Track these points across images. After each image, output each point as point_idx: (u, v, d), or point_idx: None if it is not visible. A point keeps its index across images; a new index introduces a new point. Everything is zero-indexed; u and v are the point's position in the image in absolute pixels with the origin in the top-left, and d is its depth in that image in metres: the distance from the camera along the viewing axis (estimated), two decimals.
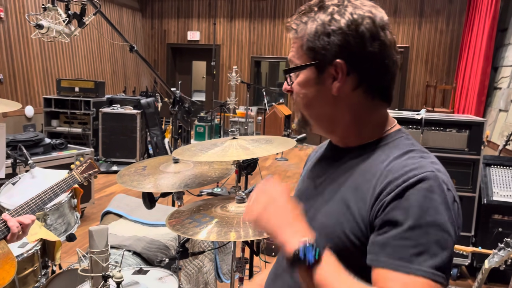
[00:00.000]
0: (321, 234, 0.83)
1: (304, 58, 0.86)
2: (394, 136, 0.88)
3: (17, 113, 6.08)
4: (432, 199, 0.74)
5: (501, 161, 3.33)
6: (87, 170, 1.81)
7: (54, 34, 1.84)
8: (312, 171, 1.00)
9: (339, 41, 0.81)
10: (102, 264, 1.26)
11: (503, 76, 5.38)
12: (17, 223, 1.36)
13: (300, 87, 0.88)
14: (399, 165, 0.79)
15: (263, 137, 1.92)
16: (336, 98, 0.85)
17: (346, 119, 0.87)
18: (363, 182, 0.82)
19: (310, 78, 0.86)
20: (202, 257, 2.46)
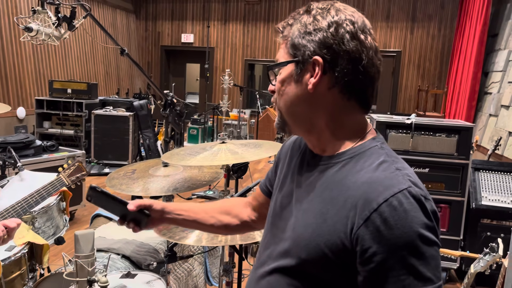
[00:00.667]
0: (298, 245, 0.84)
1: (286, 56, 0.89)
2: (368, 144, 0.87)
3: (8, 114, 6.04)
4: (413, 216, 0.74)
5: (490, 165, 3.36)
6: (75, 173, 1.81)
7: (43, 37, 1.84)
8: (293, 176, 0.98)
9: (318, 39, 0.83)
10: (87, 268, 1.26)
11: (494, 81, 5.43)
12: (2, 227, 1.35)
13: (280, 84, 0.90)
14: (373, 180, 0.79)
15: (252, 141, 1.93)
16: (312, 96, 0.86)
17: (321, 119, 0.88)
18: (339, 195, 0.81)
19: (290, 74, 0.88)
20: (192, 260, 2.46)
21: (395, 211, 0.74)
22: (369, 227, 0.74)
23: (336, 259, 0.79)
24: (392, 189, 0.76)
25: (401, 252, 0.73)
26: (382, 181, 0.78)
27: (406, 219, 0.73)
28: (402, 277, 0.72)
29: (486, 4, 5.58)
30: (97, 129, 6.09)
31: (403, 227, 0.73)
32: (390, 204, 0.74)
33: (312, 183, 0.89)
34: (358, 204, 0.77)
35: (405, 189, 0.76)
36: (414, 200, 0.75)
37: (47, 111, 6.19)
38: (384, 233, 0.73)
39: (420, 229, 0.73)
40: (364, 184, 0.79)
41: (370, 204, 0.75)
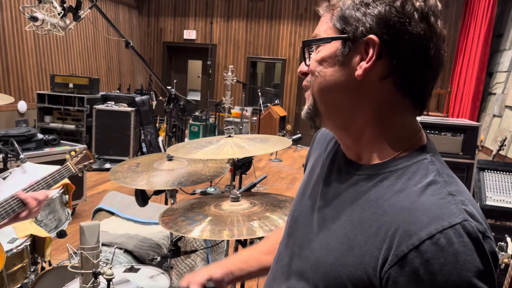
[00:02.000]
0: (316, 270, 0.71)
1: (331, 30, 0.70)
2: (416, 156, 0.69)
3: (9, 108, 6.02)
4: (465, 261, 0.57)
5: (495, 166, 3.34)
6: (82, 161, 1.78)
7: (48, 27, 1.81)
8: (318, 180, 0.82)
9: (378, 13, 0.65)
10: (92, 260, 1.23)
11: (498, 81, 5.41)
12: (32, 199, 1.40)
13: (318, 64, 0.71)
14: (416, 207, 0.62)
15: (258, 136, 1.91)
16: (358, 84, 0.68)
17: (364, 115, 0.70)
18: (371, 219, 0.66)
19: (333, 54, 0.69)
20: (194, 257, 2.44)
21: (441, 253, 0.57)
22: (405, 268, 0.59)
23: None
24: (441, 222, 0.59)
25: None
26: (428, 210, 0.61)
27: (455, 264, 0.57)
28: None
29: (491, 4, 5.55)
30: (99, 124, 6.07)
31: (450, 274, 0.57)
32: (436, 242, 0.58)
33: (341, 196, 0.73)
34: (394, 236, 0.61)
35: (459, 224, 0.59)
36: (469, 239, 0.58)
37: (49, 105, 6.17)
38: (424, 278, 0.58)
39: (473, 278, 0.57)
40: (405, 211, 0.63)
41: (410, 239, 0.59)
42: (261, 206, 1.55)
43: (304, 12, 8.88)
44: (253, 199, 1.63)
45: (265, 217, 1.45)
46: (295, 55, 9.08)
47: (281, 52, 9.20)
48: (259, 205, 1.56)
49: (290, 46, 9.11)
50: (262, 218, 1.44)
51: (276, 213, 1.48)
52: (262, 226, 1.39)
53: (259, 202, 1.59)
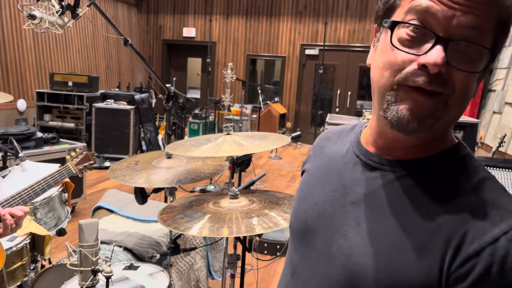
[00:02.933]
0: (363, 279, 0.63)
1: (491, 34, 0.58)
2: (459, 151, 0.66)
3: (9, 107, 6.02)
4: None
5: (495, 162, 3.34)
6: (83, 162, 1.79)
7: (46, 25, 1.81)
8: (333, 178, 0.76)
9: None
10: (91, 258, 1.24)
11: (498, 78, 5.41)
12: (9, 216, 1.31)
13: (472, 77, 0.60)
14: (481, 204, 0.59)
15: (257, 133, 1.91)
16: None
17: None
18: (426, 217, 0.61)
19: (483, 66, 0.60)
20: (194, 254, 2.45)
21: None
22: (477, 266, 0.55)
23: None
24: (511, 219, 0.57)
25: None
26: (493, 207, 0.58)
27: None
28: None
29: None
30: (98, 122, 6.07)
31: None
32: (510, 238, 0.55)
33: (376, 195, 0.67)
34: (464, 234, 0.57)
35: None
36: None
37: (48, 103, 6.17)
38: (499, 276, 0.54)
39: None
40: (467, 207, 0.59)
41: (483, 236, 0.56)
42: (260, 203, 1.55)
43: (304, 10, 8.86)
44: (252, 196, 1.63)
45: (264, 214, 1.45)
46: (294, 53, 9.07)
47: (280, 50, 9.19)
48: (258, 202, 1.56)
49: (289, 43, 9.10)
50: (261, 215, 1.44)
51: (274, 210, 1.48)
52: (261, 223, 1.40)
53: (257, 200, 1.59)
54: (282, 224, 1.40)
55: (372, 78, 0.66)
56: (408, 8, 0.60)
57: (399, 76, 0.60)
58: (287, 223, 1.40)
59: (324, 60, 8.52)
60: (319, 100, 9.08)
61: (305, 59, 9.02)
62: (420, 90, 0.59)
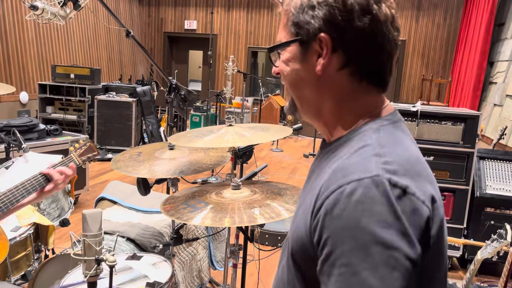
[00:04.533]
0: (290, 238, 0.79)
1: (289, 34, 0.79)
2: (362, 127, 0.76)
3: (11, 99, 6.02)
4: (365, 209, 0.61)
5: (495, 154, 3.34)
6: (86, 153, 1.80)
7: (48, 16, 1.81)
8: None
9: (323, 14, 0.72)
10: (95, 247, 1.25)
11: (499, 70, 5.39)
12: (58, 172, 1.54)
13: (285, 65, 0.81)
14: (340, 166, 0.69)
15: (259, 125, 1.92)
16: (320, 78, 0.76)
17: (329, 104, 0.78)
18: (315, 184, 0.74)
19: (295, 55, 0.78)
20: (196, 245, 2.47)
21: (345, 199, 0.62)
22: (320, 215, 0.65)
23: (307, 251, 0.71)
24: (352, 176, 0.64)
25: (343, 247, 0.61)
26: (347, 167, 0.67)
27: (355, 211, 0.61)
28: (340, 277, 0.60)
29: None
30: (100, 114, 6.08)
31: (348, 218, 0.61)
32: (342, 191, 0.63)
33: (313, 173, 0.84)
34: (319, 193, 0.68)
35: (369, 178, 0.63)
36: (377, 190, 0.61)
37: (50, 96, 6.17)
38: (330, 223, 0.63)
39: (372, 225, 0.60)
40: (333, 171, 0.69)
41: (326, 190, 0.66)
42: (262, 193, 1.57)
43: None
44: (254, 187, 1.65)
45: (266, 204, 1.47)
46: None
47: None
48: (260, 193, 1.57)
49: None
50: (263, 205, 1.46)
51: (276, 201, 1.50)
52: (263, 214, 1.41)
53: (260, 190, 1.60)
54: (284, 214, 1.41)
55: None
56: None
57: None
58: (289, 213, 1.41)
59: None
60: None
61: None
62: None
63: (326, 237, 0.64)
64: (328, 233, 0.63)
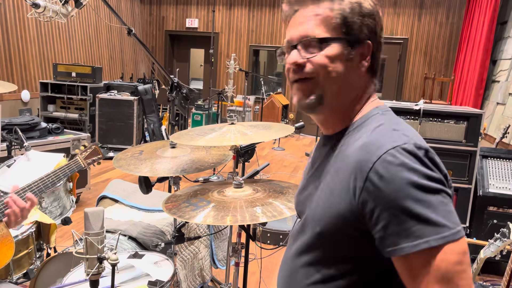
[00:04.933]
0: (312, 219, 0.87)
1: (334, 32, 0.86)
2: (370, 113, 0.89)
3: (13, 97, 6.03)
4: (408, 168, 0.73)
5: (498, 153, 3.33)
6: (91, 156, 1.81)
7: (50, 14, 1.81)
8: (310, 161, 1.03)
9: (371, 23, 0.87)
10: (97, 246, 1.25)
11: (502, 69, 5.37)
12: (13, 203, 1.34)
13: (329, 60, 0.86)
14: (367, 142, 0.79)
15: (261, 123, 1.91)
16: (355, 76, 0.88)
17: (353, 98, 0.90)
18: (342, 166, 0.83)
19: (342, 53, 0.86)
20: (198, 243, 2.46)
21: (390, 166, 0.74)
22: (369, 187, 0.75)
23: (348, 227, 0.80)
24: (385, 146, 0.76)
25: (405, 204, 0.72)
26: (376, 142, 0.78)
27: (402, 171, 0.73)
28: (414, 227, 0.71)
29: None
30: (102, 113, 6.08)
31: (401, 179, 0.73)
32: (384, 160, 0.74)
33: (323, 161, 0.93)
34: (356, 168, 0.78)
35: (400, 145, 0.76)
36: (410, 154, 0.75)
37: (52, 94, 6.17)
38: (384, 189, 0.73)
39: (420, 179, 0.73)
40: (361, 148, 0.80)
41: (366, 165, 0.76)
42: (264, 192, 1.56)
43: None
44: (256, 185, 1.64)
45: (268, 203, 1.46)
46: None
47: (283, 41, 9.13)
48: (262, 191, 1.57)
49: None
50: (265, 204, 1.45)
51: (279, 199, 1.49)
52: (265, 212, 1.40)
53: (262, 189, 1.60)
54: (286, 213, 1.41)
55: None
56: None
57: (289, 80, 0.92)
58: (291, 211, 1.41)
59: None
60: None
61: None
62: (296, 81, 0.89)
63: (383, 204, 0.74)
64: (384, 199, 0.73)
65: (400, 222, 0.72)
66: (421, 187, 0.72)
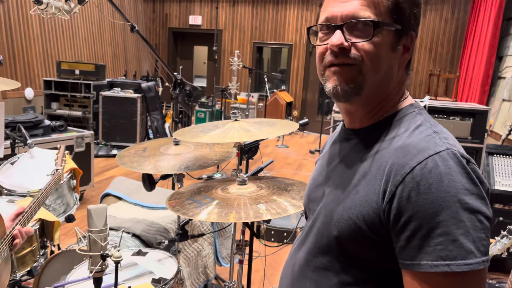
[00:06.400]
0: (330, 221, 0.80)
1: (385, 16, 0.78)
2: (406, 111, 0.82)
3: (16, 95, 6.04)
4: (450, 180, 0.67)
5: (504, 150, 3.30)
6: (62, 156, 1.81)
7: (53, 10, 1.80)
8: (325, 156, 0.96)
9: (418, 14, 0.81)
10: (100, 243, 1.24)
11: (508, 65, 5.33)
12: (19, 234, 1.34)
13: (377, 48, 0.78)
14: (407, 144, 0.73)
15: (265, 120, 1.90)
16: (397, 67, 0.82)
17: (391, 90, 0.84)
18: (371, 165, 0.77)
19: (392, 42, 0.79)
20: (202, 241, 2.45)
21: (429, 174, 0.67)
22: (402, 193, 0.69)
23: (369, 232, 0.74)
24: (427, 151, 0.70)
25: (437, 218, 0.66)
26: (416, 145, 0.72)
27: (442, 182, 0.67)
28: (439, 246, 0.65)
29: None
30: (105, 110, 6.08)
31: (438, 191, 0.66)
32: (424, 166, 0.68)
33: (346, 157, 0.86)
34: (390, 171, 0.72)
35: (443, 151, 0.69)
36: (454, 162, 0.68)
37: (55, 92, 6.18)
38: (418, 198, 0.67)
39: (459, 194, 0.66)
40: (398, 150, 0.74)
41: (403, 169, 0.70)
42: (268, 189, 1.55)
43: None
44: (260, 182, 1.63)
45: (272, 200, 1.45)
46: (301, 40, 8.99)
47: (287, 37, 9.11)
48: (266, 188, 1.55)
49: (296, 31, 9.02)
50: (269, 201, 1.44)
51: (283, 196, 1.48)
52: (269, 209, 1.39)
53: (266, 186, 1.58)
54: (290, 210, 1.39)
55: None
56: (320, 16, 0.83)
57: (322, 63, 0.82)
58: (295, 209, 1.39)
59: None
60: None
61: (312, 47, 8.95)
62: (334, 65, 0.80)
63: (413, 212, 0.68)
64: (416, 208, 0.67)
65: (426, 236, 0.67)
66: (459, 202, 0.66)
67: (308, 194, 0.96)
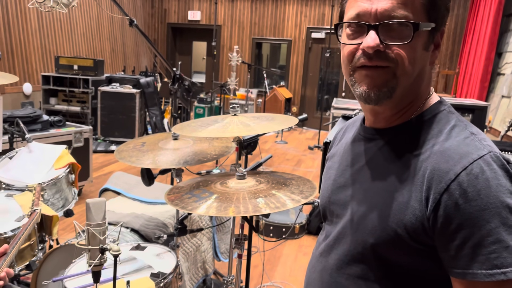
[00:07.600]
0: (364, 229, 0.77)
1: (422, 15, 0.72)
2: (435, 109, 0.78)
3: (15, 90, 6.02)
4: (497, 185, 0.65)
5: (503, 146, 3.30)
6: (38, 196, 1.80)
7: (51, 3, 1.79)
8: (346, 156, 0.90)
9: (447, 8, 0.76)
10: (99, 237, 1.23)
11: (507, 62, 5.32)
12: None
13: (414, 51, 0.73)
14: (446, 148, 0.70)
15: (264, 115, 1.89)
16: (428, 70, 0.78)
17: (417, 92, 0.79)
18: (407, 169, 0.74)
19: (424, 41, 0.74)
20: (200, 236, 2.45)
21: (476, 180, 0.65)
22: (448, 200, 0.67)
23: (410, 240, 0.71)
24: (471, 155, 0.68)
25: (488, 226, 0.64)
26: (457, 149, 0.69)
27: (490, 188, 0.65)
28: (493, 254, 0.64)
29: None
30: (104, 106, 6.07)
31: (487, 197, 0.64)
32: (470, 172, 0.66)
33: (375, 158, 0.81)
34: (431, 177, 0.69)
35: (486, 155, 0.67)
36: (497, 166, 0.67)
37: (54, 87, 6.16)
38: (467, 205, 0.65)
39: (507, 199, 0.65)
40: (437, 154, 0.71)
41: (447, 175, 0.67)
42: (267, 183, 1.54)
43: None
44: (259, 177, 1.62)
45: (271, 194, 1.44)
46: (300, 36, 8.97)
47: (286, 33, 9.09)
48: (265, 182, 1.55)
49: (295, 27, 9.00)
50: (268, 195, 1.43)
51: (282, 191, 1.48)
52: (268, 203, 1.39)
53: (265, 180, 1.58)
54: (289, 204, 1.39)
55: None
56: (348, 11, 0.76)
57: (352, 63, 0.76)
58: (294, 203, 1.39)
59: (330, 43, 8.42)
60: (325, 85, 9.01)
61: (311, 43, 8.93)
62: (366, 67, 0.74)
63: (462, 220, 0.65)
64: (465, 215, 0.65)
65: (478, 244, 0.65)
66: (508, 207, 0.64)
67: (329, 196, 0.91)
